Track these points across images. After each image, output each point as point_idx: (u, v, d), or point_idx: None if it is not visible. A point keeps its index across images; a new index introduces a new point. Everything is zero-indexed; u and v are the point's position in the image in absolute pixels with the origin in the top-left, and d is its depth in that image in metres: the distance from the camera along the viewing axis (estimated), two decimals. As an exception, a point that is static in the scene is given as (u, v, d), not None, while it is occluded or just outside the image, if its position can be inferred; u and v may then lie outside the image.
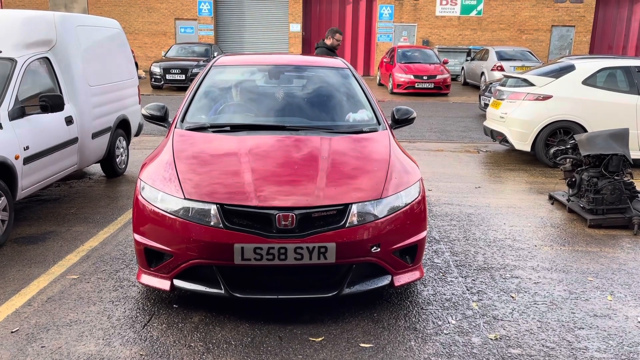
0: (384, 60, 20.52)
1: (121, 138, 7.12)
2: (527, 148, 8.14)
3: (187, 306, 3.63)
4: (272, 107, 4.73)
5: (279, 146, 3.97)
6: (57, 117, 5.50)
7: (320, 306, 3.62)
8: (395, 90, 18.00)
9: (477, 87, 18.94)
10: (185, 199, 3.34)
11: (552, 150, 6.57)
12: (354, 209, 3.33)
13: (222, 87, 4.89)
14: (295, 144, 3.99)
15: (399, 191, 3.54)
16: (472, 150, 9.42)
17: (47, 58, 5.66)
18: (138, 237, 3.48)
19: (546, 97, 7.96)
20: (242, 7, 25.86)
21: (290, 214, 3.21)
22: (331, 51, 7.34)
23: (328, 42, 7.31)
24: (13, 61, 5.18)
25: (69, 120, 5.72)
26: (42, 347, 3.15)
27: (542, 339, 3.34)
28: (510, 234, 5.23)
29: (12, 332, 3.30)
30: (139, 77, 9.97)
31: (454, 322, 3.52)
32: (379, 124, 4.43)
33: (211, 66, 5.01)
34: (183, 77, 17.60)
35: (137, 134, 7.92)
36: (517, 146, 8.23)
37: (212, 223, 3.24)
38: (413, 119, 4.71)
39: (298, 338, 3.28)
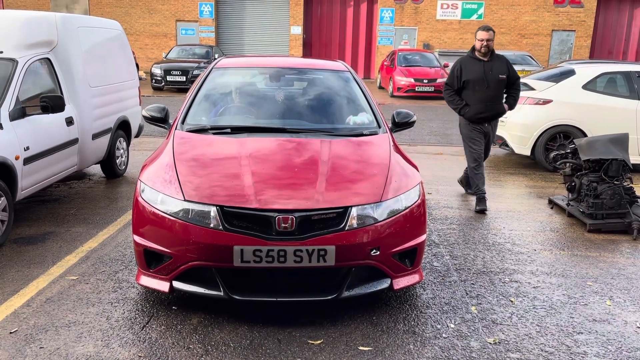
0: (385, 63, 20.55)
1: (121, 139, 7.12)
2: (527, 152, 8.15)
3: (186, 308, 3.62)
4: (272, 109, 4.74)
5: (279, 149, 3.97)
6: (57, 118, 5.50)
7: (319, 309, 3.62)
8: (395, 94, 18.02)
9: (477, 91, 18.94)
10: (185, 200, 3.34)
11: (551, 155, 6.58)
12: (354, 212, 3.33)
13: (222, 89, 4.90)
14: (295, 146, 3.99)
15: (399, 194, 3.54)
16: (472, 154, 9.41)
17: (48, 59, 5.66)
18: (137, 239, 3.48)
19: (546, 102, 7.97)
20: (243, 9, 25.90)
21: (290, 216, 3.21)
22: (476, 59, 5.90)
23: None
24: (14, 61, 5.18)
25: (69, 121, 5.72)
26: (40, 348, 3.14)
27: (541, 344, 3.34)
28: (510, 237, 5.23)
29: (10, 332, 3.30)
30: (140, 79, 9.98)
31: (453, 325, 3.52)
32: (379, 127, 4.43)
33: (212, 68, 5.02)
34: (184, 78, 17.61)
35: (137, 135, 7.92)
36: (517, 150, 8.24)
37: (211, 225, 3.24)
38: (413, 122, 4.72)
39: (297, 341, 3.28)
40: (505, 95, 6.08)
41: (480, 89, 5.85)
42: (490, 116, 6.00)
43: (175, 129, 4.25)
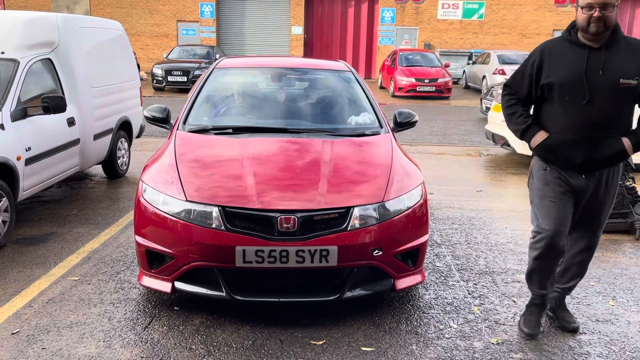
0: (386, 63, 20.54)
1: (123, 139, 7.12)
2: (529, 152, 8.12)
3: (188, 309, 3.62)
4: (274, 109, 4.73)
5: (281, 149, 3.96)
6: (59, 119, 5.50)
7: (321, 309, 3.61)
8: (396, 94, 18.01)
9: (478, 91, 18.93)
10: (187, 201, 3.34)
11: (554, 155, 6.54)
12: (356, 212, 3.32)
13: (224, 90, 4.90)
14: (297, 147, 3.99)
15: (401, 195, 3.54)
16: (474, 154, 9.42)
17: (49, 59, 5.66)
18: (139, 239, 3.48)
19: (548, 101, 7.94)
20: (244, 9, 25.90)
21: (292, 216, 3.21)
22: (576, 45, 3.08)
23: None
24: (15, 62, 5.18)
25: (70, 122, 5.72)
26: (42, 348, 3.14)
27: (544, 344, 3.33)
28: (512, 238, 5.22)
29: (12, 333, 3.29)
30: (141, 79, 9.98)
31: (455, 326, 3.51)
32: (381, 127, 4.42)
33: (213, 68, 5.01)
34: (185, 79, 17.61)
35: (138, 136, 7.92)
36: (519, 150, 8.21)
37: (213, 225, 3.24)
38: (415, 122, 4.71)
39: (299, 341, 3.27)
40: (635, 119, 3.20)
41: (576, 101, 3.06)
42: (589, 160, 3.11)
43: (177, 129, 4.25)
